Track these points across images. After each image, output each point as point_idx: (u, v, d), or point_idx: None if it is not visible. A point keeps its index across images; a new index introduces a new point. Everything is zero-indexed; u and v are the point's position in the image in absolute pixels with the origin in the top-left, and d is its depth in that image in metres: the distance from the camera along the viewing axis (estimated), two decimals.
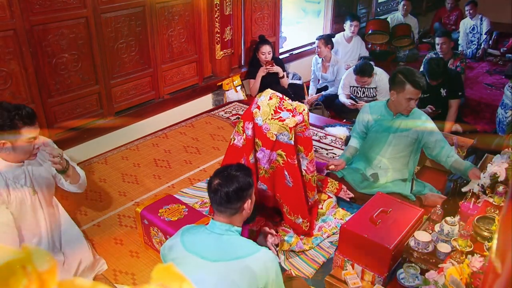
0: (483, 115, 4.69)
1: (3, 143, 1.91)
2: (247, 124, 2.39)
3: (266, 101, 2.38)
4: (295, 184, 2.42)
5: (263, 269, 1.61)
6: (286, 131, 2.28)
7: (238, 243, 1.69)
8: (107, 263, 2.53)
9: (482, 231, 1.96)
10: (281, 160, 2.37)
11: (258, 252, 1.65)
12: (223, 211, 1.71)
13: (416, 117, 2.88)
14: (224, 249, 1.66)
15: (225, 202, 1.68)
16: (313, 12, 6.67)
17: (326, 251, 2.63)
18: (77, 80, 3.48)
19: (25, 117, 1.90)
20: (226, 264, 1.61)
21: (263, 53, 4.55)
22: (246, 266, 1.60)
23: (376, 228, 2.21)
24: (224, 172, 1.73)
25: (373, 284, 2.22)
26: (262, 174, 2.48)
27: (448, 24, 7.07)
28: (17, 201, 2.04)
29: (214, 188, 1.70)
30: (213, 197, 1.71)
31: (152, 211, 2.52)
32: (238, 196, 1.69)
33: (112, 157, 3.68)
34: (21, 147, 1.94)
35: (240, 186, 1.69)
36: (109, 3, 3.51)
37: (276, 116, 2.31)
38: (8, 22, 2.97)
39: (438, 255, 2.05)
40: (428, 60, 3.95)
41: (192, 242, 1.70)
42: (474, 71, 5.85)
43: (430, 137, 2.85)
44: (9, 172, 2.01)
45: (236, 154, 2.49)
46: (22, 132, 1.90)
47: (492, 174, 2.35)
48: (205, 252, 1.65)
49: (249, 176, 1.77)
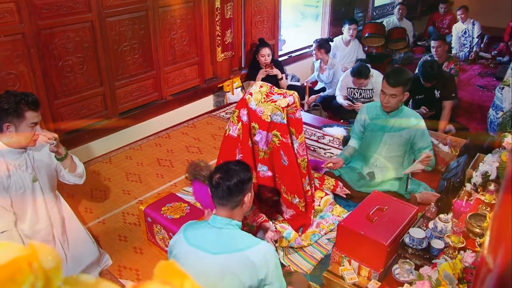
0: (475, 115, 4.69)
1: (8, 125, 1.96)
2: (242, 111, 2.45)
3: (257, 88, 2.47)
4: (290, 162, 2.47)
5: (263, 261, 1.62)
6: (279, 111, 2.35)
7: (238, 236, 1.70)
8: (112, 259, 2.53)
9: (474, 228, 1.96)
10: (277, 140, 2.43)
11: (258, 244, 1.66)
12: (224, 204, 1.71)
13: (408, 117, 2.88)
14: (224, 242, 1.67)
15: (227, 195, 1.69)
16: (312, 16, 6.67)
17: (324, 247, 2.63)
18: (83, 82, 3.48)
19: (30, 102, 1.96)
20: (227, 257, 1.63)
21: (263, 56, 4.55)
22: (247, 258, 1.61)
23: (373, 225, 2.21)
24: (224, 167, 1.76)
25: (369, 279, 2.22)
26: (261, 156, 2.52)
27: (442, 28, 7.08)
28: (16, 186, 2.07)
29: (215, 182, 1.71)
30: (214, 191, 1.72)
31: (155, 209, 2.52)
32: (238, 188, 1.70)
33: (117, 157, 3.67)
34: (23, 130, 1.99)
35: (241, 179, 1.71)
36: (114, 7, 3.51)
37: (268, 99, 2.40)
38: (17, 26, 2.98)
39: (432, 251, 2.06)
40: (423, 63, 3.95)
41: (194, 237, 1.72)
42: (466, 74, 5.86)
43: (419, 142, 2.87)
44: (11, 157, 2.05)
45: (231, 144, 2.53)
46: (26, 116, 1.96)
47: (483, 172, 2.36)
48: (206, 245, 1.66)
49: (248, 170, 1.79)
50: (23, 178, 2.09)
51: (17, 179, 2.07)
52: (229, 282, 1.62)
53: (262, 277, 1.63)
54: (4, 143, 2.03)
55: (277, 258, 1.71)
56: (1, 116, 1.95)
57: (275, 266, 1.68)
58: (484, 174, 2.34)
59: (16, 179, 2.06)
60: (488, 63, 6.16)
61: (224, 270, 1.62)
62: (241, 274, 1.61)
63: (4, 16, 2.90)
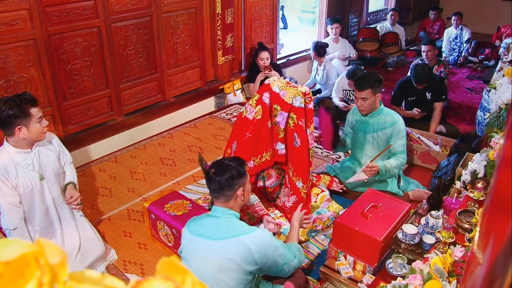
0: (464, 117, 4.69)
1: (19, 128, 1.97)
2: (265, 94, 2.51)
3: (276, 79, 2.59)
4: (302, 145, 2.51)
5: (258, 246, 1.66)
6: (299, 96, 2.42)
7: (235, 224, 1.75)
8: (117, 254, 2.53)
9: (463, 224, 1.96)
10: (292, 122, 2.49)
11: (254, 231, 1.70)
12: (218, 197, 1.77)
13: (385, 117, 2.88)
14: (223, 229, 1.72)
15: (218, 189, 1.74)
16: (309, 21, 6.67)
17: (321, 243, 2.63)
18: (90, 85, 3.47)
19: (30, 100, 1.97)
20: (225, 242, 1.67)
21: (262, 59, 4.55)
22: (242, 243, 1.66)
23: (367, 221, 2.21)
24: (219, 163, 1.80)
25: (364, 273, 2.22)
26: (281, 136, 2.57)
27: (432, 33, 7.09)
28: (24, 184, 2.08)
29: (209, 176, 1.76)
30: (209, 185, 1.78)
31: (158, 206, 2.51)
32: (229, 184, 1.74)
33: (122, 156, 3.67)
34: (34, 127, 2.00)
35: (232, 175, 1.74)
36: (119, 13, 3.50)
37: (290, 85, 2.49)
38: (29, 32, 2.99)
39: (424, 246, 2.06)
40: (415, 66, 3.94)
41: (196, 227, 1.78)
42: (456, 77, 5.87)
43: (394, 144, 2.85)
44: (19, 157, 2.06)
45: (244, 125, 2.59)
46: (31, 113, 1.97)
47: (472, 171, 2.35)
48: (207, 232, 1.72)
49: (242, 166, 1.80)
50: (30, 177, 2.09)
51: (25, 178, 2.08)
52: (228, 266, 1.66)
53: (260, 260, 1.67)
54: (12, 144, 2.04)
55: (274, 241, 1.75)
56: (11, 122, 1.96)
57: (273, 249, 1.72)
58: (473, 173, 2.34)
59: (23, 178, 2.07)
60: (476, 67, 6.19)
61: (223, 255, 1.66)
62: (238, 259, 1.65)
63: (17, 23, 2.91)
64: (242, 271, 1.67)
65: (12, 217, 2.07)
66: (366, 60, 5.91)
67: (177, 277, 0.35)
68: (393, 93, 4.20)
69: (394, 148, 2.84)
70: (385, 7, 7.28)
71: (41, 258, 0.34)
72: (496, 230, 0.58)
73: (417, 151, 3.51)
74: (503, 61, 4.04)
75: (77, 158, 3.30)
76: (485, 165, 2.30)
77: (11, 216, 2.07)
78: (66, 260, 0.35)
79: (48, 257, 0.34)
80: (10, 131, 1.99)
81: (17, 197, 2.07)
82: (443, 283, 1.49)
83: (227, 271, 1.66)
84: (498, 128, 2.74)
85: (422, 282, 1.54)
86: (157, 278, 0.35)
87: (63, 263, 0.34)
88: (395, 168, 2.81)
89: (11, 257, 0.34)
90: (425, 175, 3.31)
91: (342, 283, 2.23)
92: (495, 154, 2.29)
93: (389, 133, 2.85)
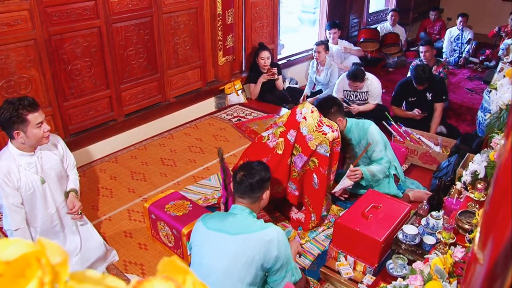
0: (465, 117, 4.69)
1: (17, 132, 1.98)
2: (292, 132, 2.46)
3: (309, 113, 2.45)
4: (320, 187, 2.52)
5: (275, 240, 1.74)
6: (325, 144, 2.38)
7: (252, 221, 1.84)
8: (117, 254, 2.53)
9: (464, 224, 1.96)
10: (313, 165, 2.49)
11: (270, 227, 1.80)
12: (244, 198, 1.87)
13: (358, 129, 2.85)
14: (240, 225, 1.80)
15: (249, 191, 1.86)
16: (309, 22, 6.67)
17: (321, 244, 2.63)
18: (90, 85, 3.48)
19: (28, 105, 1.96)
20: (245, 237, 1.74)
21: (262, 58, 4.55)
22: (261, 238, 1.73)
23: (368, 222, 2.21)
24: (248, 166, 1.93)
25: (364, 274, 2.22)
26: (294, 176, 2.56)
27: (433, 33, 7.10)
28: (26, 187, 2.08)
29: (239, 179, 1.87)
30: (237, 187, 1.88)
31: (159, 206, 2.51)
32: (259, 185, 1.87)
33: (122, 156, 3.67)
34: (32, 133, 1.99)
35: (262, 177, 1.88)
36: (120, 14, 3.51)
37: (319, 129, 2.41)
38: (30, 33, 2.99)
39: (424, 247, 2.05)
40: (415, 67, 3.94)
41: (212, 222, 1.84)
42: (456, 77, 5.86)
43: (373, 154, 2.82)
44: (22, 159, 2.06)
45: (263, 151, 2.56)
46: (28, 119, 1.96)
47: (473, 171, 2.35)
48: (225, 227, 1.79)
49: (268, 170, 1.96)
50: (32, 180, 2.09)
51: (27, 181, 2.08)
52: (244, 260, 1.72)
53: (275, 254, 1.74)
54: (15, 146, 2.05)
55: (286, 240, 1.83)
56: (8, 125, 1.96)
57: (285, 246, 1.80)
58: (474, 173, 2.34)
59: (25, 181, 2.07)
60: (476, 67, 6.19)
61: (242, 249, 1.72)
62: (256, 253, 1.71)
63: (18, 23, 2.91)
64: (256, 266, 1.73)
65: (14, 217, 2.07)
66: (367, 61, 5.92)
67: (178, 277, 0.35)
68: (394, 93, 4.20)
69: (373, 156, 2.82)
70: (386, 7, 7.28)
71: (42, 258, 0.34)
72: (496, 231, 0.58)
73: (418, 151, 3.51)
74: (503, 62, 4.04)
75: (78, 158, 3.29)
76: (486, 165, 2.30)
77: (14, 217, 2.07)
78: (67, 260, 0.35)
79: (49, 257, 0.34)
80: (9, 134, 2.00)
81: (19, 198, 2.07)
82: (444, 284, 1.49)
83: (242, 265, 1.72)
84: (499, 129, 2.74)
85: (423, 282, 1.54)
86: (158, 278, 0.35)
87: (64, 263, 0.34)
88: (379, 172, 2.75)
89: (12, 256, 0.34)
90: (426, 176, 3.31)
91: (342, 283, 2.23)
92: (495, 154, 2.29)
93: (363, 139, 2.84)
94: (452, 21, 7.16)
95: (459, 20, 6.26)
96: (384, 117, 3.79)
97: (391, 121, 3.74)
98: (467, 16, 6.27)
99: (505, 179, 0.56)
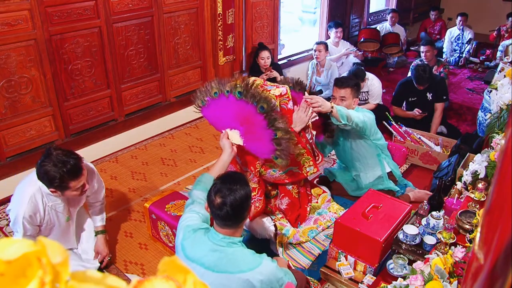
0: (465, 117, 4.69)
1: (53, 191, 1.91)
2: None
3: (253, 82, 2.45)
4: None
5: (264, 281, 1.58)
6: (273, 99, 2.34)
7: (241, 256, 1.62)
8: (118, 255, 2.53)
9: (464, 224, 1.95)
10: None
11: (259, 266, 1.59)
12: (229, 225, 1.62)
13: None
14: (227, 262, 1.59)
15: (233, 216, 1.59)
16: (309, 22, 6.67)
17: (322, 243, 2.63)
18: (91, 85, 3.48)
19: (71, 172, 1.85)
20: (229, 276, 1.57)
21: (262, 58, 4.55)
22: (247, 280, 1.56)
23: (368, 222, 2.21)
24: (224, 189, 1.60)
25: (365, 274, 2.22)
26: None
27: (433, 33, 7.10)
28: (48, 222, 2.05)
29: (218, 205, 1.59)
30: (218, 213, 1.59)
31: (159, 206, 2.52)
32: (243, 207, 1.62)
33: (123, 156, 3.67)
34: (69, 194, 1.94)
35: (243, 197, 1.60)
36: (121, 13, 3.51)
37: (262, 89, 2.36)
38: (30, 33, 2.99)
39: (425, 247, 2.05)
40: (415, 67, 3.94)
41: (193, 251, 1.63)
42: (456, 77, 5.86)
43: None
44: (50, 199, 2.00)
45: None
46: (70, 186, 1.88)
47: (473, 171, 2.35)
48: (207, 262, 1.59)
49: (247, 184, 1.67)
50: (57, 218, 2.07)
51: (51, 218, 2.05)
52: None
53: None
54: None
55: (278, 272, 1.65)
56: (46, 184, 1.88)
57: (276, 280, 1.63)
58: (474, 173, 2.34)
59: (49, 218, 2.04)
60: (477, 67, 6.19)
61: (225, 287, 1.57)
62: None
63: (18, 23, 2.92)
64: None
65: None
66: (367, 61, 5.91)
67: (178, 276, 0.35)
68: (394, 93, 4.20)
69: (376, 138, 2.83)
70: (386, 7, 7.28)
71: (43, 258, 0.34)
72: (497, 231, 0.58)
73: (418, 151, 3.51)
74: (504, 62, 4.04)
75: None
76: (486, 165, 2.30)
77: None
78: (68, 260, 0.35)
79: (50, 257, 0.34)
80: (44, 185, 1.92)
81: (37, 230, 2.03)
82: (444, 284, 1.49)
83: None
84: (499, 129, 2.74)
85: (423, 282, 1.54)
86: (158, 278, 0.35)
87: (65, 263, 0.34)
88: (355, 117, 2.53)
89: (13, 256, 0.34)
90: (426, 176, 3.31)
91: (342, 283, 2.23)
92: (496, 154, 2.29)
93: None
94: (452, 21, 7.15)
95: (459, 20, 6.27)
96: (384, 117, 3.79)
97: (392, 121, 3.74)
98: (466, 15, 6.28)
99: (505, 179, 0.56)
